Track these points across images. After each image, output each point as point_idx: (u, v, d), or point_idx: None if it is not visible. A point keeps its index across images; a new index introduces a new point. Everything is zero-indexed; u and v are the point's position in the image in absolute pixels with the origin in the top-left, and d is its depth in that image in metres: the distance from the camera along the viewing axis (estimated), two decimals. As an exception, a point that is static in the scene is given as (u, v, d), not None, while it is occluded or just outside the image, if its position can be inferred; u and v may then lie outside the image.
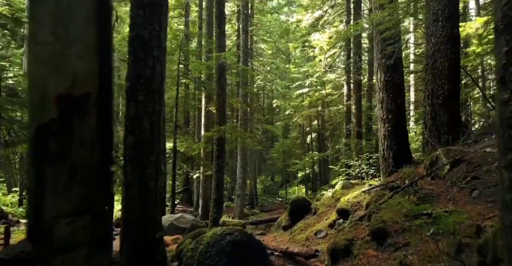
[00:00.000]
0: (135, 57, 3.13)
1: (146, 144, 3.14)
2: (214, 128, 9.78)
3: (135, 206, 3.11)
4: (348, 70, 15.60)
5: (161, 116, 3.28)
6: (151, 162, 3.16)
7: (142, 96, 3.11)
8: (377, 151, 14.24)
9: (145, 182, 3.13)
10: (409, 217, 3.34)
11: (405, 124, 5.84)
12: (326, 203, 6.76)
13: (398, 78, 5.62)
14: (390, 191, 4.84)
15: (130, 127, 3.14)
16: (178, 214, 9.17)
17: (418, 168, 4.98)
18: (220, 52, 9.64)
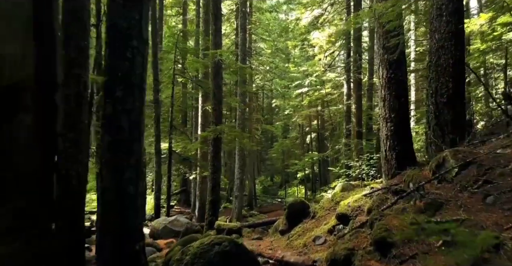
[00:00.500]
0: (112, 48, 2.82)
1: (125, 144, 2.83)
2: (210, 128, 9.48)
3: (111, 214, 2.80)
4: (348, 69, 15.30)
5: (142, 114, 2.96)
6: (130, 165, 2.84)
7: (120, 91, 2.80)
8: (377, 151, 13.94)
9: (123, 187, 2.82)
10: (416, 225, 3.03)
11: (408, 124, 5.53)
12: (325, 206, 6.45)
13: (401, 75, 5.32)
14: (393, 195, 4.53)
15: (107, 126, 2.83)
16: (173, 217, 8.86)
17: (423, 170, 4.66)
18: (216, 49, 9.34)
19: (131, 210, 2.87)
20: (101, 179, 2.83)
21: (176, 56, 11.16)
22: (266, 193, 31.17)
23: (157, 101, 10.74)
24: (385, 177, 5.32)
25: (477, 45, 10.14)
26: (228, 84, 23.17)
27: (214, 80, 9.58)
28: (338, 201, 6.26)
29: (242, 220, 15.82)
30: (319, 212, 6.34)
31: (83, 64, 4.90)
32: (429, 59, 7.19)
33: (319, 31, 17.52)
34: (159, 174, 10.95)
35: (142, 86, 2.96)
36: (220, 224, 7.76)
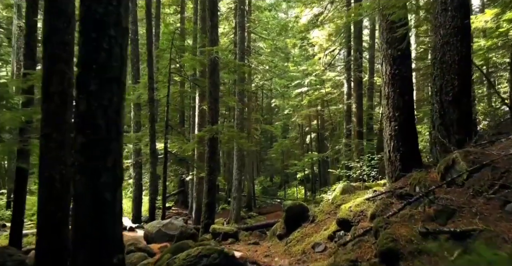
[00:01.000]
0: (87, 38, 2.51)
1: (101, 145, 2.52)
2: (205, 128, 9.17)
3: (86, 223, 2.49)
4: (348, 67, 15.00)
5: (121, 111, 2.65)
6: (107, 168, 2.53)
7: (95, 86, 2.49)
8: (378, 152, 13.64)
9: (100, 193, 2.51)
10: (426, 235, 2.72)
11: (413, 123, 5.23)
12: (325, 210, 6.14)
13: (406, 71, 5.01)
14: (398, 199, 4.22)
15: (80, 125, 2.52)
16: (167, 220, 8.55)
17: (430, 172, 4.36)
18: (212, 46, 9.03)
19: (108, 219, 2.56)
20: (74, 184, 2.52)
21: (172, 54, 10.83)
22: (266, 193, 30.87)
23: (152, 100, 10.43)
24: (389, 180, 5.02)
25: (480, 42, 9.84)
26: (226, 84, 22.87)
27: (210, 78, 9.27)
28: (339, 205, 5.95)
29: (240, 222, 15.52)
30: (319, 216, 6.04)
31: (68, 60, 4.59)
32: (434, 55, 6.89)
33: (319, 30, 17.21)
34: (154, 175, 10.64)
35: (121, 80, 2.65)
36: (216, 228, 7.45)
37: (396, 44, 4.99)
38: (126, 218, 14.27)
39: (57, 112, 4.54)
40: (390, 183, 4.96)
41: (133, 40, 14.34)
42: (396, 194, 4.30)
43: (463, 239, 2.53)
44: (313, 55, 22.09)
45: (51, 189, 4.45)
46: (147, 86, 10.43)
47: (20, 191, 6.78)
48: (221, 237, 7.21)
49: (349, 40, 15.14)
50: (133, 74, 14.39)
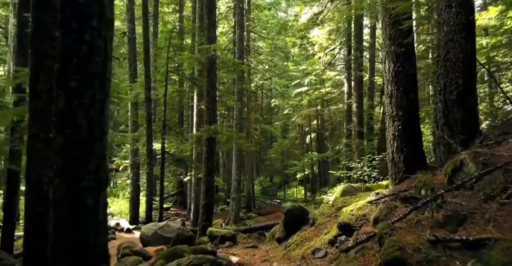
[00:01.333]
0: (66, 29, 2.31)
1: (82, 147, 2.32)
2: (203, 128, 8.96)
3: (65, 230, 2.28)
4: (348, 66, 14.80)
5: (105, 109, 2.44)
6: (89, 172, 2.33)
7: (76, 82, 2.29)
8: (379, 152, 13.42)
9: (80, 198, 2.31)
10: (436, 243, 2.51)
11: (418, 122, 5.02)
12: (325, 213, 5.93)
13: (410, 68, 4.81)
14: (402, 203, 4.02)
15: (59, 124, 2.32)
16: (163, 222, 8.35)
17: (436, 174, 4.15)
18: (210, 44, 8.82)
19: (90, 227, 2.36)
20: (53, 189, 2.31)
21: (169, 53, 10.63)
22: (265, 194, 30.68)
23: (148, 100, 10.23)
24: (392, 181, 4.82)
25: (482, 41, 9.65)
26: (226, 83, 22.66)
27: (208, 77, 9.07)
28: (340, 207, 5.75)
29: (239, 223, 15.32)
30: (319, 219, 5.83)
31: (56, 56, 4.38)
32: (437, 53, 6.69)
33: (319, 28, 17.01)
34: (151, 176, 10.43)
35: (105, 76, 2.45)
36: (213, 231, 7.25)
37: (400, 40, 4.78)
38: (123, 219, 14.09)
39: (45, 110, 4.33)
40: (393, 185, 4.76)
41: (131, 39, 14.15)
42: (400, 197, 4.10)
43: (476, 248, 2.33)
44: (313, 54, 21.89)
45: (38, 190, 4.24)
46: (143, 85, 10.23)
47: (11, 193, 6.57)
48: (218, 240, 7.01)
49: (349, 38, 14.94)
50: (130, 73, 14.19)
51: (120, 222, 13.56)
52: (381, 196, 4.49)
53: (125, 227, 13.10)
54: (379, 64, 22.97)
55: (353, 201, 5.79)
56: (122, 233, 12.89)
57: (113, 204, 16.46)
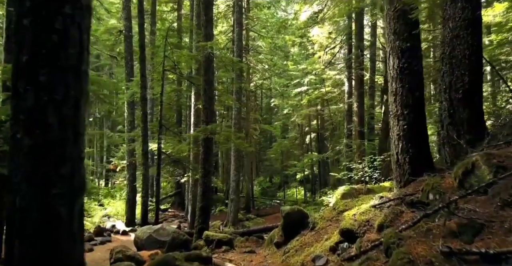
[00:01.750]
0: (35, 16, 2.04)
1: (53, 149, 2.05)
2: (199, 128, 8.70)
3: (33, 243, 2.01)
4: (349, 65, 14.54)
5: (81, 107, 2.18)
6: (62, 176, 2.06)
7: (45, 76, 2.02)
8: (381, 153, 13.16)
9: (51, 206, 2.04)
10: (450, 255, 2.25)
11: (424, 122, 4.76)
12: (326, 216, 5.67)
13: (416, 64, 4.55)
14: (408, 207, 3.75)
15: (27, 124, 2.05)
16: (158, 225, 8.08)
17: (445, 177, 3.89)
18: (207, 41, 8.56)
19: (63, 239, 2.09)
20: (20, 196, 2.05)
21: (166, 51, 10.35)
22: (265, 194, 30.43)
23: (144, 99, 9.96)
24: (397, 184, 4.56)
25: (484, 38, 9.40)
26: (224, 82, 22.40)
27: (205, 76, 8.80)
28: (341, 211, 5.49)
29: (238, 224, 15.06)
30: (320, 223, 5.57)
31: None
32: (442, 50, 6.43)
33: (319, 26, 16.75)
34: (146, 177, 10.16)
35: (80, 70, 2.18)
36: (209, 235, 6.98)
37: (405, 35, 4.52)
38: (119, 221, 13.82)
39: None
40: (398, 188, 4.50)
41: (127, 37, 13.88)
42: (406, 201, 3.83)
43: (497, 262, 2.07)
44: (313, 53, 21.62)
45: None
46: (139, 83, 9.97)
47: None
48: (214, 245, 6.74)
49: (350, 37, 14.68)
50: (127, 72, 13.93)
51: (116, 224, 13.30)
52: (386, 199, 4.23)
53: (121, 229, 12.84)
54: (380, 63, 22.73)
55: (355, 204, 5.53)
56: (118, 235, 12.63)
57: (110, 205, 16.20)
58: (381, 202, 4.24)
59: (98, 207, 16.97)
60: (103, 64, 30.69)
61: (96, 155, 31.68)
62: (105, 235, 12.27)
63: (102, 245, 11.21)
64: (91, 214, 14.68)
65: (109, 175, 26.85)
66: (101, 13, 21.14)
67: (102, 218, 14.53)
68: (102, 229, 12.59)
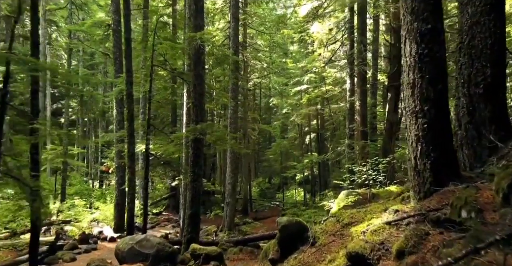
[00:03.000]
0: None
1: None
2: (189, 128, 7.91)
3: None
4: (351, 61, 13.75)
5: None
6: None
7: None
8: (384, 155, 12.37)
9: None
10: None
11: (448, 120, 3.97)
12: (328, 230, 4.88)
13: (439, 50, 3.76)
14: (434, 226, 2.97)
15: None
16: (142, 236, 7.29)
17: (481, 189, 3.11)
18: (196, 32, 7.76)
19: None
20: None
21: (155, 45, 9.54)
22: (263, 196, 29.70)
23: (130, 96, 9.17)
24: (415, 195, 3.77)
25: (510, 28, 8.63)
26: (222, 81, 21.60)
27: (194, 70, 8.02)
28: (347, 224, 4.70)
29: (234, 229, 14.29)
30: (321, 238, 4.78)
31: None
32: (460, 39, 5.65)
33: (319, 21, 15.97)
34: (133, 181, 9.36)
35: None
36: (196, 249, 6.18)
37: (426, 15, 3.73)
38: (107, 227, 13.03)
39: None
40: (417, 200, 3.71)
41: (116, 32, 13.10)
42: (430, 218, 3.05)
43: None
44: (312, 51, 20.87)
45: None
46: (125, 80, 9.19)
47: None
48: (201, 260, 5.96)
49: (352, 32, 13.89)
50: (115, 69, 13.14)
51: (104, 230, 12.52)
52: (403, 215, 3.44)
53: (109, 235, 12.06)
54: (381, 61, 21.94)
55: (362, 216, 4.74)
56: (105, 242, 11.84)
57: (99, 210, 15.40)
58: (397, 217, 3.45)
59: (88, 210, 16.19)
60: (97, 63, 29.94)
61: (91, 156, 30.90)
62: (91, 242, 11.49)
63: (87, 253, 10.44)
64: (79, 218, 13.89)
65: (103, 176, 26.07)
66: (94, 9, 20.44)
67: (91, 223, 13.74)
68: (88, 236, 11.82)
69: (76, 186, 23.29)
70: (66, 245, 10.47)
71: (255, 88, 28.25)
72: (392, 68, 13.43)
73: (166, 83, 14.68)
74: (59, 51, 28.29)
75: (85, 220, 13.74)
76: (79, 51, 29.49)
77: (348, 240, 4.10)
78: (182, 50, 8.40)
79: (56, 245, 10.12)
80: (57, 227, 12.62)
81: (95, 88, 28.71)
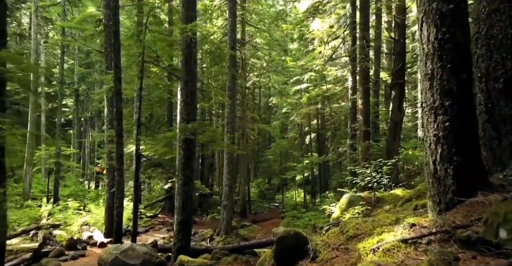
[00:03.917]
0: None
1: None
2: (179, 127, 7.34)
3: None
4: (353, 58, 13.15)
5: None
6: None
7: None
8: (388, 156, 11.78)
9: None
10: None
11: (474, 116, 3.39)
12: (331, 243, 4.30)
13: (463, 35, 3.18)
14: (462, 247, 2.40)
15: None
16: (127, 245, 6.71)
17: (522, 202, 2.53)
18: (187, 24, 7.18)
19: None
20: None
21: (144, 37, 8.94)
22: (263, 197, 29.15)
23: (118, 94, 8.59)
24: (434, 206, 3.19)
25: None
26: (220, 80, 21.03)
27: (185, 65, 7.44)
28: (352, 237, 4.13)
29: (231, 233, 13.71)
30: (323, 252, 4.20)
31: None
32: (476, 29, 5.08)
33: (319, 17, 15.40)
34: (121, 184, 8.77)
35: None
36: (184, 261, 5.61)
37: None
38: (97, 231, 12.45)
39: None
40: (436, 213, 3.13)
41: (107, 27, 12.52)
42: (458, 238, 2.48)
43: None
44: (313, 49, 20.30)
45: None
46: (113, 76, 8.62)
47: None
48: (189, 274, 5.38)
49: (354, 27, 13.29)
50: (106, 66, 12.57)
51: (94, 235, 11.93)
52: (422, 231, 2.86)
53: (99, 240, 11.48)
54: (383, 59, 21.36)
55: (369, 226, 4.17)
56: (94, 248, 11.25)
57: (91, 212, 14.82)
58: (415, 234, 2.87)
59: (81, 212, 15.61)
60: (94, 62, 29.35)
61: (87, 156, 30.32)
62: (80, 248, 10.90)
63: (74, 260, 9.85)
64: (69, 222, 13.30)
65: (99, 177, 25.47)
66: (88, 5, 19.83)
67: (81, 227, 13.15)
68: (77, 241, 11.23)
69: (71, 187, 22.72)
70: (52, 252, 9.88)
71: (254, 88, 27.70)
72: (396, 65, 12.86)
73: (160, 81, 14.08)
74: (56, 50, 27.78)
75: (76, 223, 13.16)
76: (74, 49, 28.93)
77: (354, 256, 3.53)
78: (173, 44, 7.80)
79: (41, 251, 9.54)
80: (45, 232, 12.02)
81: (91, 87, 28.16)
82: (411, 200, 6.02)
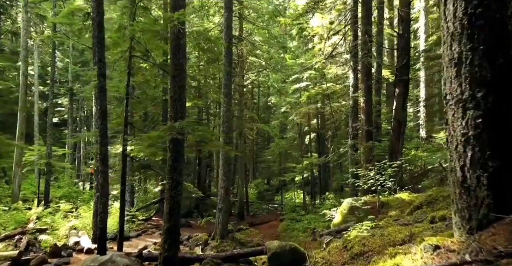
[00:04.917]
0: None
1: None
2: (165, 126, 6.71)
3: None
4: (355, 54, 12.52)
5: None
6: None
7: None
8: (391, 157, 11.14)
9: None
10: None
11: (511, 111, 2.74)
12: (333, 261, 3.67)
13: (499, 9, 2.56)
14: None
15: None
16: (107, 256, 6.09)
17: None
18: (174, 13, 6.54)
19: None
20: None
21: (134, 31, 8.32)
22: (261, 198, 28.54)
23: (102, 90, 7.96)
24: (463, 223, 2.56)
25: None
26: (217, 79, 20.40)
27: (173, 58, 6.80)
28: (357, 254, 3.49)
29: (226, 237, 13.08)
30: (323, 272, 3.59)
31: None
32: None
33: (319, 12, 14.77)
34: (105, 187, 8.15)
35: None
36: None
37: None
38: (85, 237, 11.80)
39: None
40: (465, 231, 2.50)
41: (95, 20, 11.85)
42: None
43: None
44: (312, 47, 19.68)
45: None
46: (97, 71, 8.01)
47: None
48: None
49: (355, 21, 12.67)
50: (94, 61, 11.92)
51: (81, 240, 11.29)
52: (451, 259, 2.22)
53: (86, 246, 10.82)
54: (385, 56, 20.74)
55: (378, 242, 3.53)
56: (81, 255, 10.59)
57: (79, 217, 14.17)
58: (442, 263, 2.23)
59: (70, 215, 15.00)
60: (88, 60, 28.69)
61: (81, 157, 29.70)
62: (64, 255, 10.23)
63: (57, 269, 9.23)
64: (56, 226, 12.67)
65: (93, 178, 24.87)
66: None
67: (70, 231, 12.52)
68: (62, 247, 10.57)
69: (64, 188, 22.11)
70: (34, 260, 9.21)
71: (253, 87, 27.10)
72: (400, 61, 12.23)
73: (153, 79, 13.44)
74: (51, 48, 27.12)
75: (63, 228, 12.53)
76: (68, 47, 28.28)
77: (362, 282, 2.90)
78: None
79: (20, 260, 8.90)
80: (30, 237, 11.39)
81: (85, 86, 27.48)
82: (421, 207, 5.38)
